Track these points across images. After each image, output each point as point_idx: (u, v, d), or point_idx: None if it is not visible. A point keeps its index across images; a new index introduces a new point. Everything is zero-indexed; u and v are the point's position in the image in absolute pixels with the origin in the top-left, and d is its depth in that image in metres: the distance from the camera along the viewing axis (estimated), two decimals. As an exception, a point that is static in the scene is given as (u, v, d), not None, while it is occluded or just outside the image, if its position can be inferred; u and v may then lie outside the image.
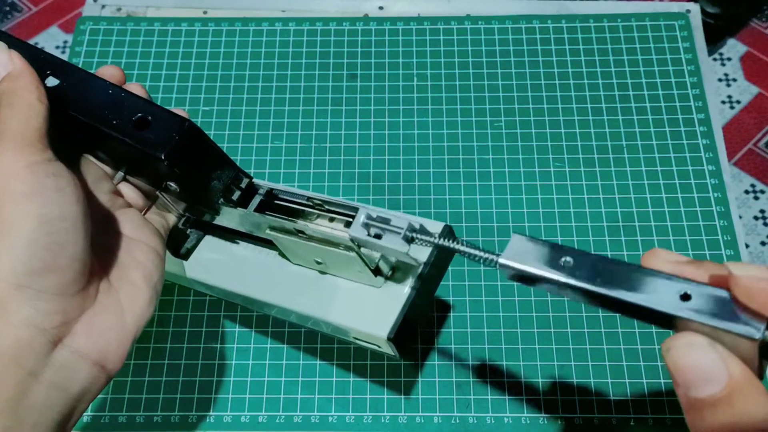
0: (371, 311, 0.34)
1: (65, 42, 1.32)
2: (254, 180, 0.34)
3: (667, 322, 0.22)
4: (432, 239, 0.30)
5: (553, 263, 0.24)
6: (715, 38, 1.28)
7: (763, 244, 1.12)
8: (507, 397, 0.41)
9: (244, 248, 0.39)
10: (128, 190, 0.34)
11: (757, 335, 0.20)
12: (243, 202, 0.34)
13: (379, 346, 0.35)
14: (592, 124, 0.51)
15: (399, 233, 0.30)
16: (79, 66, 0.53)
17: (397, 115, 0.51)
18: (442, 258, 0.35)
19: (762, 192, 1.16)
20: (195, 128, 0.31)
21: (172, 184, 0.32)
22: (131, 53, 0.54)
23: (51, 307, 0.26)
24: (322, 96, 0.52)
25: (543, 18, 0.55)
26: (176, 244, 0.38)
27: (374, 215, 0.31)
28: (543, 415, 0.41)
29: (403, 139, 0.50)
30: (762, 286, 0.21)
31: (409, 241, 0.30)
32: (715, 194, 0.48)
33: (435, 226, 0.34)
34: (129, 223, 0.32)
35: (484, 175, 0.49)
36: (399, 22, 0.55)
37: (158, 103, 0.33)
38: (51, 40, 1.31)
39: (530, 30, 0.55)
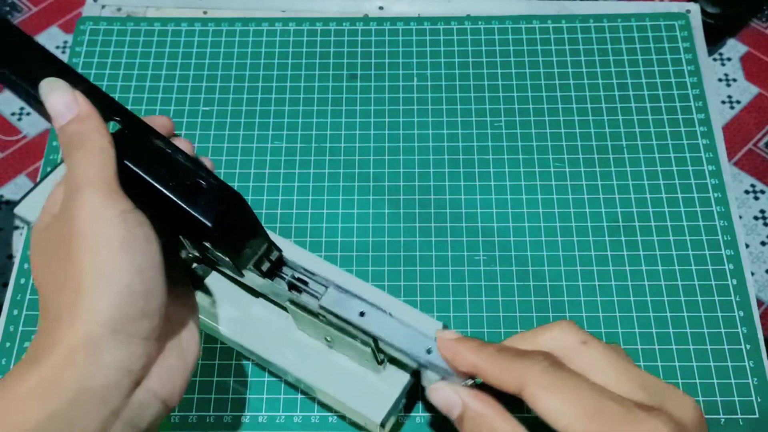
0: (369, 394, 0.36)
1: (65, 42, 1.32)
2: (283, 253, 0.36)
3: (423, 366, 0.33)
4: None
5: (354, 312, 0.34)
6: (715, 38, 1.28)
7: (763, 244, 1.12)
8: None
9: (255, 303, 0.39)
10: None
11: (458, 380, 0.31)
12: (269, 273, 0.35)
13: (365, 424, 0.37)
14: (592, 124, 0.51)
15: (284, 278, 0.35)
16: (79, 67, 0.53)
17: (397, 115, 0.51)
18: None
19: (762, 192, 1.16)
20: (242, 200, 0.32)
21: (207, 244, 0.33)
22: (131, 53, 0.54)
23: (139, 350, 0.27)
24: (322, 96, 0.52)
25: (543, 18, 0.55)
26: None
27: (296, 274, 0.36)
28: (543, 415, 0.41)
29: (403, 139, 0.50)
30: (440, 345, 0.31)
31: (292, 287, 0.35)
32: (715, 194, 0.48)
33: (428, 323, 0.37)
34: (172, 266, 0.33)
35: (484, 175, 0.49)
36: (399, 22, 0.55)
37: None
38: (51, 40, 1.31)
39: (530, 30, 0.55)
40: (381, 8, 0.57)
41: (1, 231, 1.15)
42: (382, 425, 0.36)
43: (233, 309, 0.39)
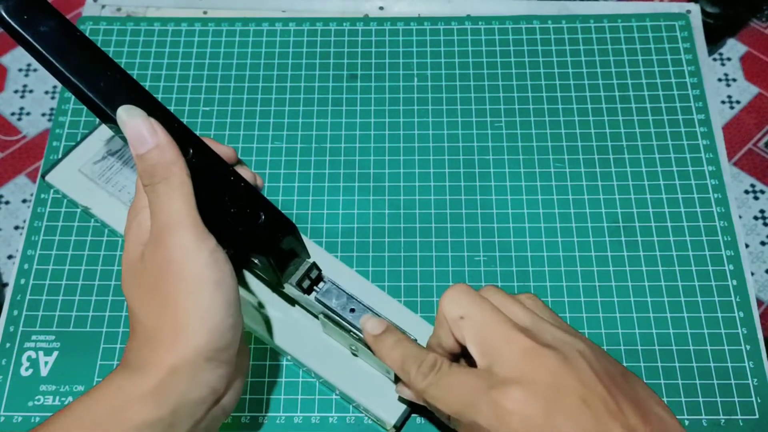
0: (386, 397, 0.40)
1: (65, 42, 1.31)
2: (322, 272, 0.39)
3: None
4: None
5: (343, 307, 0.38)
6: (715, 38, 1.28)
7: (762, 244, 1.12)
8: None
9: (289, 308, 0.42)
10: None
11: None
12: (309, 289, 0.39)
13: (377, 419, 0.40)
14: (592, 124, 0.51)
15: (318, 293, 0.39)
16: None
17: (397, 115, 0.51)
18: None
19: (762, 192, 1.16)
20: (293, 228, 0.36)
21: (255, 260, 0.36)
22: (131, 53, 0.54)
23: (224, 373, 0.32)
24: (322, 96, 0.52)
25: (543, 18, 0.55)
26: None
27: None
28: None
29: (403, 139, 0.50)
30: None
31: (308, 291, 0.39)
32: (715, 194, 0.48)
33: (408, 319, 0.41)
34: None
35: (484, 175, 0.49)
36: (399, 22, 0.55)
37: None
38: (51, 40, 1.31)
39: (530, 30, 0.55)
40: (381, 8, 0.57)
41: (1, 231, 1.15)
42: (395, 427, 0.39)
43: (271, 311, 0.42)
